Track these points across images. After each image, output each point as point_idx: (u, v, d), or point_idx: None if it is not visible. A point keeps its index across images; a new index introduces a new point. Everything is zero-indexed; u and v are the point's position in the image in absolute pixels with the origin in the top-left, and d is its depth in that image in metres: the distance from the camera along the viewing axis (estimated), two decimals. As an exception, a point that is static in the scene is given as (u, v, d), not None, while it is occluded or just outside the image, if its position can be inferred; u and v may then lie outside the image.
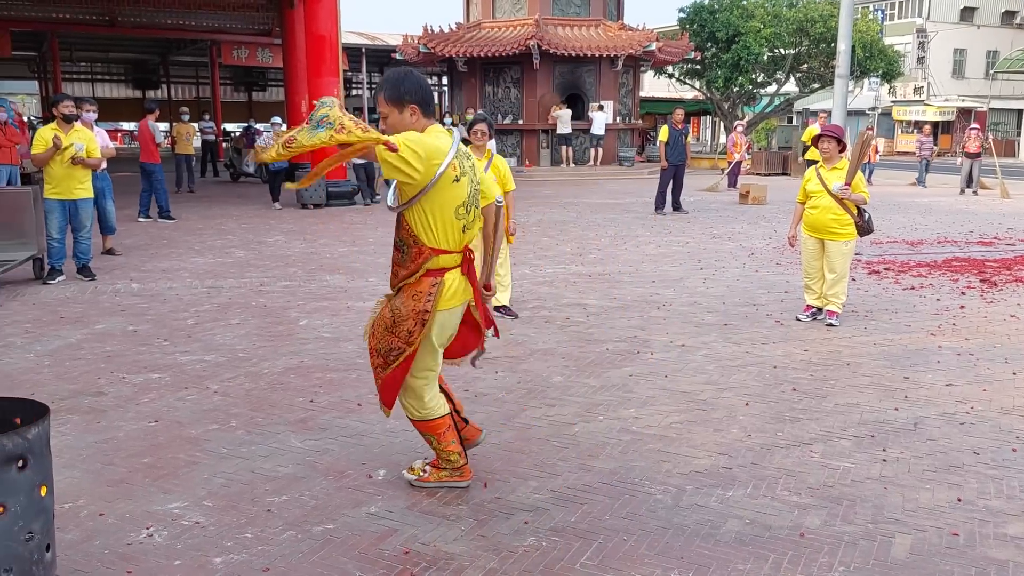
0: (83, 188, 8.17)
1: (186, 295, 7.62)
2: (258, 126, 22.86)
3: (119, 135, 45.40)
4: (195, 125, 19.44)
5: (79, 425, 4.37)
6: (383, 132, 3.20)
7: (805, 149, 16.88)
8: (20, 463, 2.62)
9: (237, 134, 25.88)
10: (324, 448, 4.08)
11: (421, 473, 3.60)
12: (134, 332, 6.29)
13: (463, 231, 3.30)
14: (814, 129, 15.59)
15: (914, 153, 25.23)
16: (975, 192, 19.04)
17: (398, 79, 3.22)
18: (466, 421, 3.77)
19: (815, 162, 15.80)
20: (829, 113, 15.86)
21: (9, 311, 6.94)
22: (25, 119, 21.04)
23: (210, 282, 8.24)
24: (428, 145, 3.12)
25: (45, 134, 7.97)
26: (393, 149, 3.01)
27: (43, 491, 2.72)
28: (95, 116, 9.44)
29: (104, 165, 9.45)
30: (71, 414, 4.52)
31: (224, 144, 26.29)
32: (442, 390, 3.63)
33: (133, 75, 42.92)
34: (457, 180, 3.19)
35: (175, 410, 4.61)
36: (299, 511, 3.43)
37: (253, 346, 5.92)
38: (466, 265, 3.38)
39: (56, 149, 7.80)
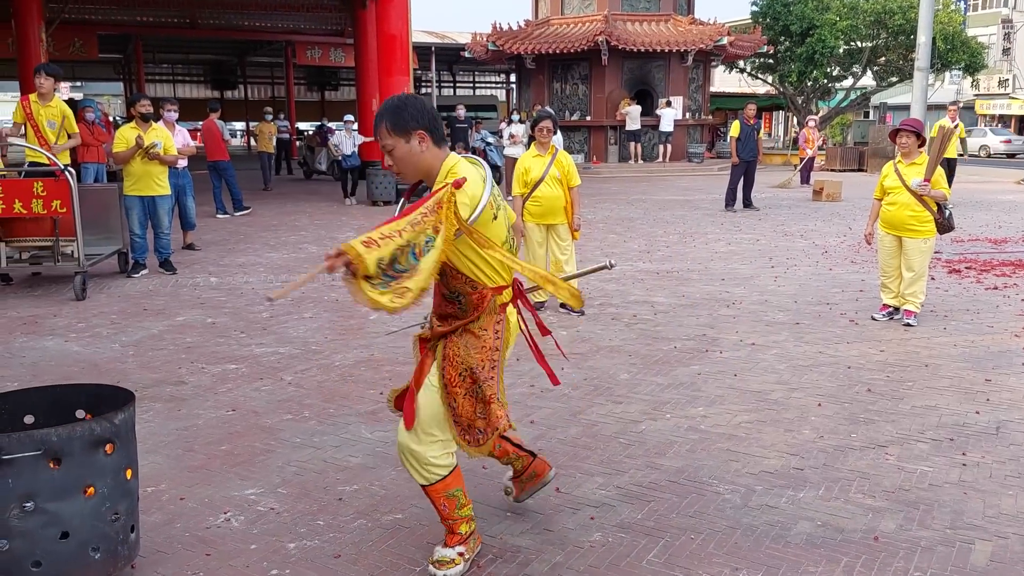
0: (160, 185, 8.47)
1: (261, 289, 7.84)
2: (331, 125, 23.33)
3: (198, 134, 46.91)
4: (276, 124, 19.89)
5: (161, 413, 4.54)
6: (389, 167, 2.89)
7: None
8: (107, 447, 2.74)
9: (310, 132, 26.45)
10: (393, 439, 4.11)
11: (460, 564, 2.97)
12: (213, 324, 6.50)
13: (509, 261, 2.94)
14: (945, 122, 14.70)
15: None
16: None
17: (399, 105, 2.80)
18: (533, 455, 3.34)
19: (947, 159, 14.89)
20: (958, 106, 15.33)
21: (97, 303, 7.24)
22: (111, 119, 21.87)
23: (284, 276, 8.45)
24: (474, 193, 2.75)
25: (125, 133, 8.30)
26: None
27: (128, 474, 2.85)
28: (176, 115, 9.77)
29: (185, 163, 9.79)
30: (154, 402, 4.70)
31: (298, 142, 26.90)
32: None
33: (212, 76, 44.27)
34: (495, 218, 2.84)
35: (251, 400, 4.75)
36: (369, 500, 3.51)
37: (325, 339, 6.06)
38: (518, 296, 3.03)
39: (138, 148, 8.11)
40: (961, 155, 15.44)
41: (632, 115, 23.50)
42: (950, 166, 14.83)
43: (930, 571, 2.95)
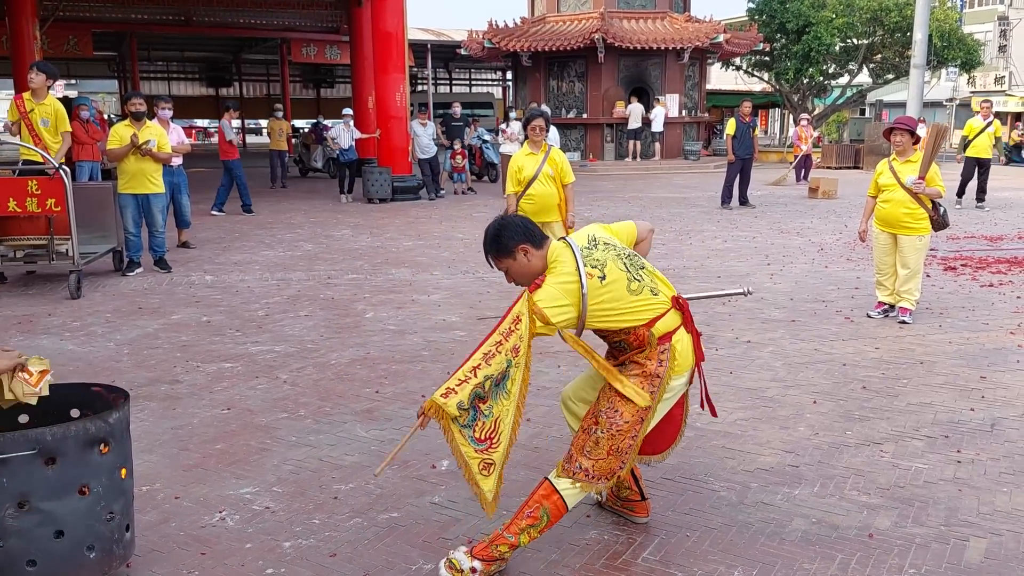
0: (154, 183, 8.45)
1: (257, 287, 7.83)
2: (326, 122, 23.27)
3: (193, 132, 46.83)
4: (287, 122, 19.70)
5: (156, 411, 4.54)
6: (510, 281, 3.08)
7: (966, 145, 14.28)
8: (102, 446, 2.74)
9: (306, 130, 26.40)
10: (389, 438, 4.15)
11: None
12: (208, 323, 6.49)
13: (653, 294, 2.96)
14: (975, 122, 14.25)
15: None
16: None
17: (496, 233, 3.01)
18: (643, 497, 3.33)
19: (977, 159, 14.38)
20: (991, 104, 14.95)
21: (91, 301, 7.23)
22: (106, 117, 21.80)
23: (280, 275, 8.44)
24: (562, 289, 2.85)
25: (120, 131, 8.29)
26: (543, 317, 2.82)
27: (123, 473, 2.84)
28: (170, 113, 9.75)
29: (180, 161, 9.77)
30: (149, 401, 4.70)
31: (293, 140, 26.84)
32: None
33: (207, 73, 44.16)
34: (603, 278, 2.87)
35: (247, 398, 4.74)
36: (365, 499, 3.51)
37: (321, 337, 6.05)
38: (687, 319, 3.04)
39: (132, 146, 8.09)
40: (1002, 161, 14.34)
41: (635, 114, 23.49)
42: (981, 166, 14.03)
43: (925, 568, 2.96)
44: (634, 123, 23.52)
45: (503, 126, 17.70)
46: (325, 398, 4.75)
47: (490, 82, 48.84)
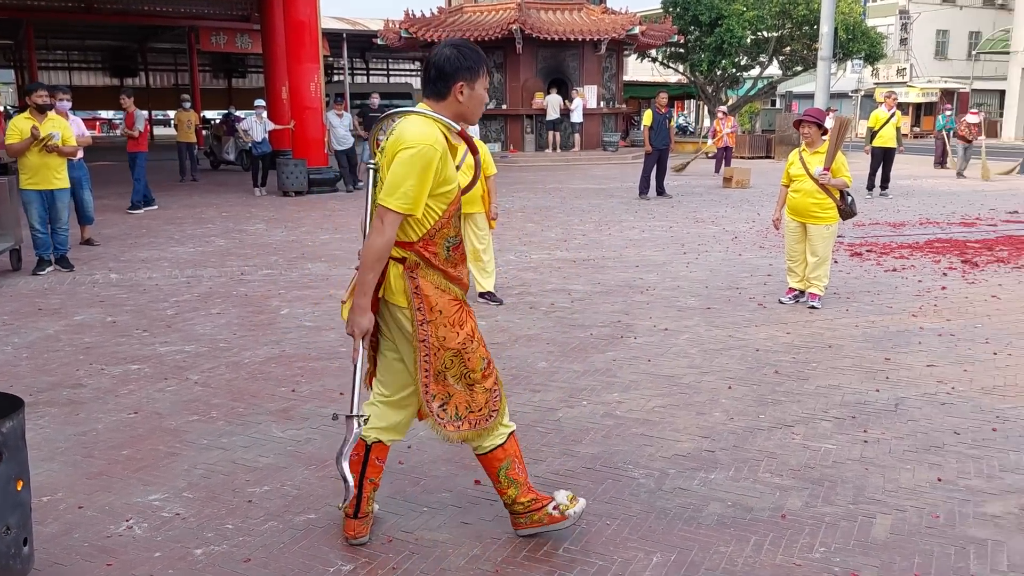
0: (59, 179, 8.08)
1: (166, 285, 7.55)
2: (238, 113, 22.66)
3: (96, 124, 44.97)
4: (196, 113, 19.21)
5: (57, 418, 4.32)
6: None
7: (872, 136, 14.82)
8: (-6, 457, 2.58)
9: (217, 121, 25.65)
10: (306, 438, 4.06)
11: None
12: (113, 323, 6.23)
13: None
14: (880, 113, 14.75)
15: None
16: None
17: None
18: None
19: (881, 148, 14.87)
20: (895, 96, 15.49)
21: (-14, 303, 6.86)
22: (1, 109, 20.71)
23: (190, 271, 8.17)
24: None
25: (19, 124, 7.87)
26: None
27: (19, 485, 2.69)
28: (69, 104, 9.32)
29: (81, 154, 9.35)
30: (49, 406, 4.47)
31: (204, 132, 26.06)
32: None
33: (110, 62, 42.48)
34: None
35: (155, 401, 4.57)
36: (281, 501, 3.41)
37: (234, 336, 5.88)
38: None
39: (34, 139, 7.70)
40: (900, 149, 15.12)
41: (552, 104, 23.60)
42: (886, 156, 14.58)
43: (834, 545, 3.05)
44: (552, 114, 23.66)
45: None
46: (238, 398, 4.61)
47: (408, 72, 48.36)
